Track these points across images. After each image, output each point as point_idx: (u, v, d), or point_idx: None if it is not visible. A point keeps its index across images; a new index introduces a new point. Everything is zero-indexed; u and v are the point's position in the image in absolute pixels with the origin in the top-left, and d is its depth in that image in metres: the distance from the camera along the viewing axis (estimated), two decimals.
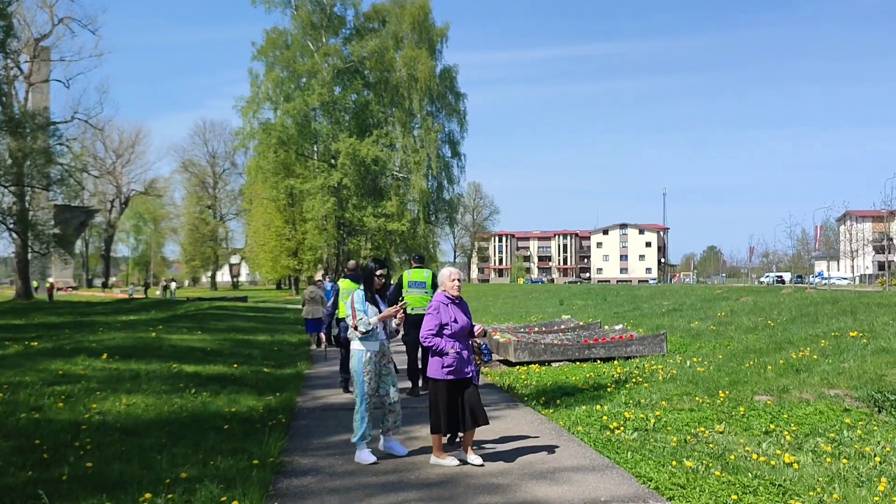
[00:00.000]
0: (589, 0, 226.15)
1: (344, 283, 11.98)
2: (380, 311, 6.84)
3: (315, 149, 61.11)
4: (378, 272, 6.93)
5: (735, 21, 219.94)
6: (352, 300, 6.85)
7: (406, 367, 10.92)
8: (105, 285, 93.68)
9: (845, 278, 72.80)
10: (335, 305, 11.50)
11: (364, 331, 6.64)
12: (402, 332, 7.53)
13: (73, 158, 51.03)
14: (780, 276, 69.31)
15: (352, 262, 12.90)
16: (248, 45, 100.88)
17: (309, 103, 56.60)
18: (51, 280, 63.79)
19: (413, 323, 10.52)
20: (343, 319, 12.27)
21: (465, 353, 6.46)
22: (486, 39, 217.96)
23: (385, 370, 6.84)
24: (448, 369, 6.34)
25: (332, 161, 58.26)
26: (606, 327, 19.34)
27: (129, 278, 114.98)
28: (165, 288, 63.81)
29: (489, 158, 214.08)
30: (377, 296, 6.97)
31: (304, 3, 58.75)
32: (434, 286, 12.45)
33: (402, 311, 6.86)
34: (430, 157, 59.81)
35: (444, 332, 6.43)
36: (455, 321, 6.46)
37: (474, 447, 6.63)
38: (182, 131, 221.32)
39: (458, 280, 6.73)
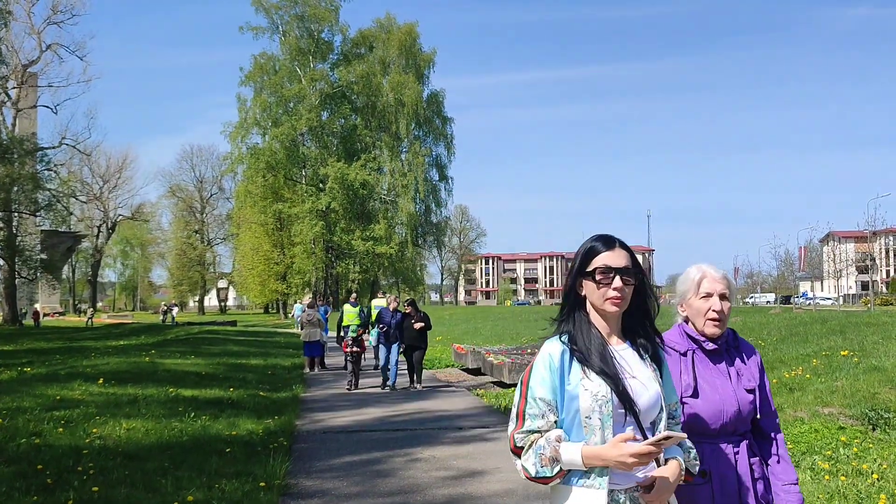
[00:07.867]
0: (575, 24, 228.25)
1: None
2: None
3: (303, 173, 61.36)
4: None
5: (719, 44, 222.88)
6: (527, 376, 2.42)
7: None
8: (78, 310, 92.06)
9: (829, 298, 73.12)
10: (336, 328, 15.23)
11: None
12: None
13: (61, 184, 50.77)
14: (781, 297, 67.68)
15: (308, 300, 14.93)
16: (235, 70, 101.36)
17: (297, 128, 56.95)
18: (37, 306, 63.23)
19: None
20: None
21: (747, 469, 2.61)
22: (472, 63, 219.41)
23: None
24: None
25: (321, 185, 58.47)
26: None
27: (116, 303, 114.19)
28: (166, 313, 62.95)
29: (475, 181, 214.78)
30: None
31: (291, 28, 59.25)
32: (366, 320, 14.29)
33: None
34: (418, 180, 60.22)
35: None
36: (695, 395, 2.66)
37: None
38: (169, 156, 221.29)
39: (723, 297, 2.82)
